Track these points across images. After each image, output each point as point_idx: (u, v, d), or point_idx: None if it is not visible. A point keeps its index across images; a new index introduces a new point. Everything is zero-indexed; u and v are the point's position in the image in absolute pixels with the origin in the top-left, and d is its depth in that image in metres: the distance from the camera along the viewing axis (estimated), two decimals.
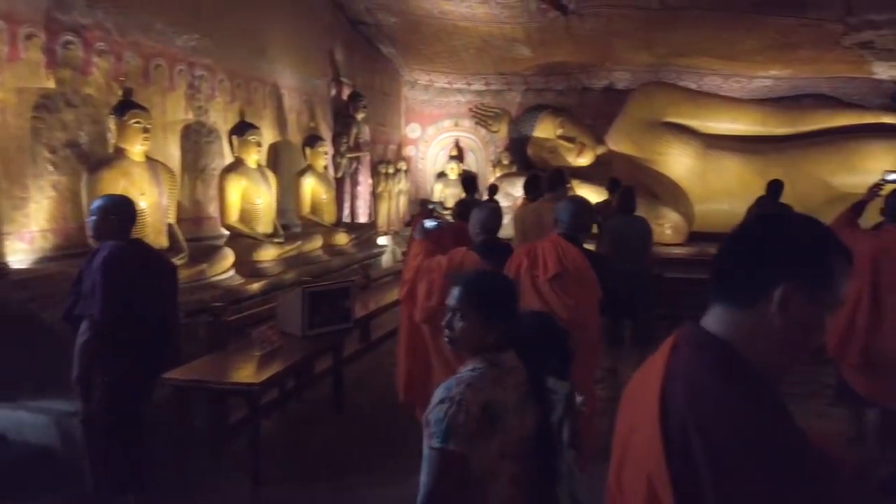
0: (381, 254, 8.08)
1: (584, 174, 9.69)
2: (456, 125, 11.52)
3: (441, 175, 11.14)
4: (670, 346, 1.07)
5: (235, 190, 5.68)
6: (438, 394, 1.66)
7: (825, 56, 8.92)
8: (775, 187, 6.64)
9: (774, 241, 1.04)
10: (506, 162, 10.87)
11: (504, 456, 1.64)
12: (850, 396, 3.69)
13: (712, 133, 9.65)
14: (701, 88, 10.42)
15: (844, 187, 8.16)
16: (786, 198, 6.66)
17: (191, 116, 5.66)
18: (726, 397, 0.96)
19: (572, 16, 8.26)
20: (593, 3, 7.90)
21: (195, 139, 5.75)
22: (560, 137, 9.93)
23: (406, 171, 10.64)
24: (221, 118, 6.04)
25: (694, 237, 8.77)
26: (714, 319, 1.06)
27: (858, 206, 3.84)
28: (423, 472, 1.61)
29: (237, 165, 5.76)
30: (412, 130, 11.58)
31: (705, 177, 9.29)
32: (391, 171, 10.11)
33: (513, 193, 8.69)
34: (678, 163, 9.47)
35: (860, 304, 3.47)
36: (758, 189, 7.40)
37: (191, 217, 5.69)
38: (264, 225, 5.95)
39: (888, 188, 3.78)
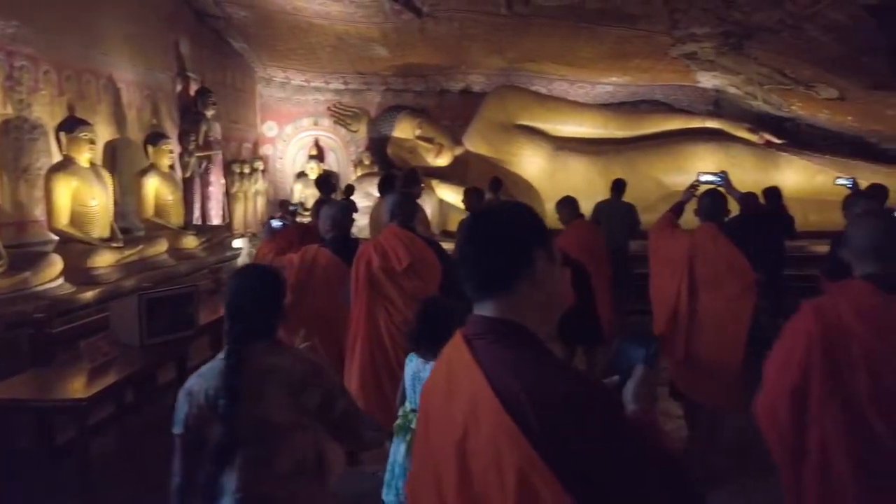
0: (235, 257, 7.77)
1: (443, 174, 9.92)
2: (315, 124, 11.33)
3: (301, 175, 10.91)
4: (464, 345, 1.11)
5: (65, 191, 5.23)
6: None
7: (657, 65, 9.72)
8: (619, 186, 7.16)
9: (513, 223, 1.16)
10: (367, 162, 10.85)
11: (240, 443, 1.76)
12: (677, 392, 3.94)
13: (560, 135, 10.23)
14: (550, 93, 10.98)
15: (674, 185, 8.93)
16: (625, 195, 7.20)
17: (10, 111, 5.14)
18: (558, 374, 1.05)
19: (427, 18, 8.39)
20: (446, 6, 8.08)
21: (16, 136, 5.22)
22: (419, 138, 10.07)
23: (263, 171, 10.30)
24: (48, 113, 5.52)
25: None
26: (491, 310, 1.13)
27: (678, 207, 4.15)
28: None
29: (67, 164, 5.30)
30: (269, 129, 11.24)
31: (555, 176, 9.81)
32: (247, 170, 9.75)
33: (373, 193, 8.66)
34: (530, 163, 9.94)
35: (680, 300, 3.69)
36: (601, 187, 7.91)
37: (13, 221, 5.16)
38: (100, 228, 5.52)
39: (703, 188, 4.16)
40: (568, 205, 5.14)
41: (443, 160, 10.14)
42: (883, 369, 1.85)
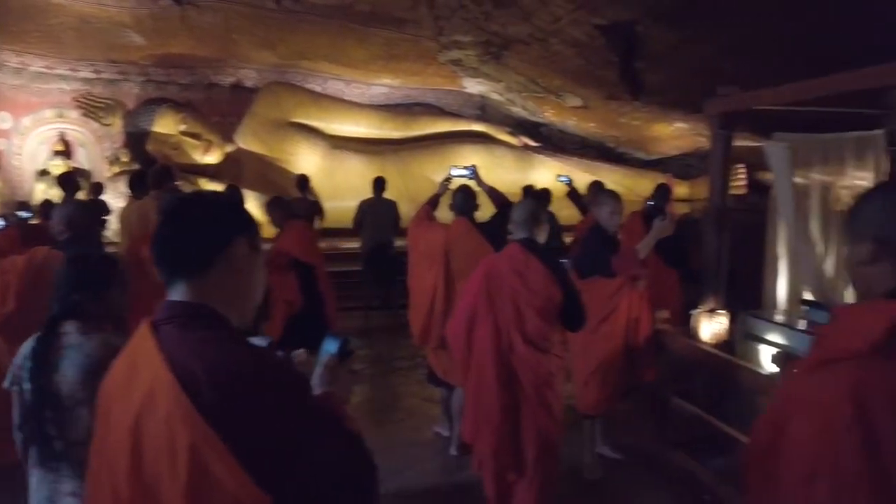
0: None
1: (215, 173, 9.40)
2: (60, 116, 10.07)
3: (44, 173, 9.64)
4: (149, 332, 1.09)
5: None
6: None
7: (427, 69, 10.15)
8: (380, 183, 7.38)
9: (213, 207, 1.18)
10: (125, 159, 9.88)
11: (45, 405, 1.98)
12: (436, 378, 4.13)
13: (337, 134, 10.26)
14: (325, 91, 10.94)
15: None
16: (400, 193, 7.45)
17: None
18: (243, 354, 1.05)
19: (188, 6, 7.88)
20: None
21: None
22: (183, 133, 9.42)
23: None
24: None
25: (325, 233, 9.18)
26: (183, 294, 1.12)
27: (433, 200, 4.36)
28: None
29: None
30: (2, 120, 9.77)
31: (333, 176, 9.80)
32: None
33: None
34: (307, 161, 9.82)
35: (437, 291, 3.88)
36: None
37: None
38: None
39: (455, 182, 4.40)
40: (278, 206, 4.91)
41: (212, 157, 9.61)
42: (520, 301, 2.83)
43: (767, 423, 1.21)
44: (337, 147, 10.03)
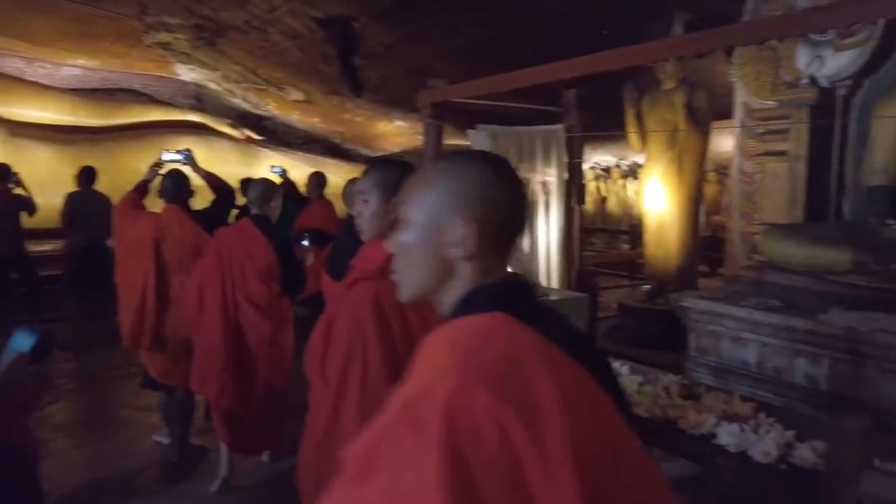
0: None
1: None
2: None
3: None
4: None
5: None
6: None
7: (131, 52, 9.17)
8: (89, 174, 6.51)
9: None
10: None
11: None
12: (152, 382, 3.75)
13: (17, 120, 8.81)
14: (2, 71, 9.29)
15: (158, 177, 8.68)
16: (102, 186, 6.60)
17: None
18: None
19: None
20: None
21: None
22: None
23: None
24: None
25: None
26: None
27: (142, 186, 3.97)
28: None
29: None
30: None
31: (14, 168, 8.38)
32: None
33: None
34: None
35: (148, 286, 3.54)
36: (72, 179, 7.11)
37: None
38: None
39: (167, 167, 4.07)
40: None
41: None
42: (245, 268, 3.21)
43: (322, 324, 1.67)
44: (17, 135, 8.58)
